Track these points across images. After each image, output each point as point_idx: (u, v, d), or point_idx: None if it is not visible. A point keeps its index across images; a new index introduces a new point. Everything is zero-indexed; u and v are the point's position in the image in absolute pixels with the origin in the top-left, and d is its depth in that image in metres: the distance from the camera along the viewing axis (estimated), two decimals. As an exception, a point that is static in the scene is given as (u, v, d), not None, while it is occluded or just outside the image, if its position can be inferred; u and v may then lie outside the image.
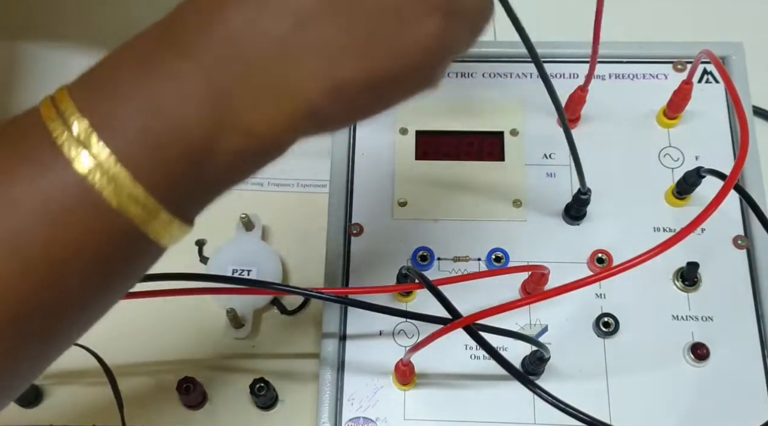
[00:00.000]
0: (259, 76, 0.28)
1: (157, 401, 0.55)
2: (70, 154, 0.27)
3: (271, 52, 0.28)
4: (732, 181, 0.39)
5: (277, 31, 0.28)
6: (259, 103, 0.28)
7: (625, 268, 0.38)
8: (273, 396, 0.54)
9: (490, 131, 0.56)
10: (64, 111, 0.28)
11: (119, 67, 0.29)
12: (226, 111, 0.28)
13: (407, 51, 0.30)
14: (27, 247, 0.27)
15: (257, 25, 0.28)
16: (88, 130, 0.27)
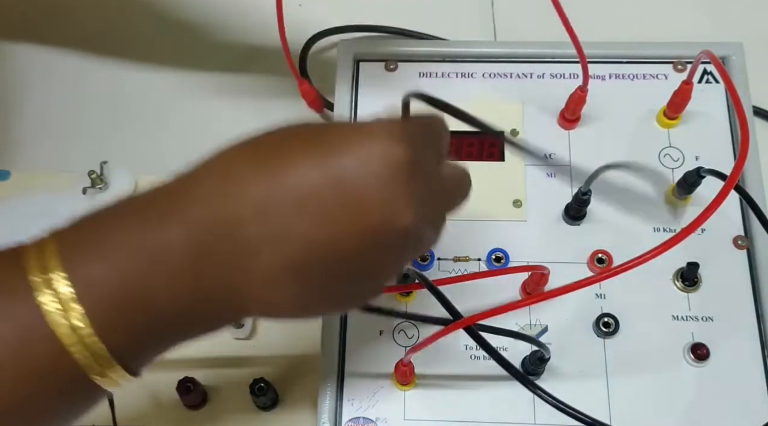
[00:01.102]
0: (219, 274, 0.31)
1: (157, 401, 0.55)
2: (41, 300, 0.29)
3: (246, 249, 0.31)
4: (732, 182, 0.39)
5: (265, 258, 0.31)
6: (221, 283, 0.32)
7: (625, 268, 0.38)
8: (273, 396, 0.54)
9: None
10: (48, 259, 0.30)
11: (110, 226, 0.32)
12: (189, 287, 0.31)
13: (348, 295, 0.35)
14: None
15: (247, 243, 0.31)
16: (65, 283, 0.30)
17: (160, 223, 0.31)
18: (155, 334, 0.32)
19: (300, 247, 0.31)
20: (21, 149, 0.65)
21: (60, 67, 0.69)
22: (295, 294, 0.32)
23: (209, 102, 0.67)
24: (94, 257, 0.31)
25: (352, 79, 0.58)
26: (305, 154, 0.31)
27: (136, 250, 0.31)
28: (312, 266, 0.32)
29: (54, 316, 0.30)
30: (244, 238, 0.31)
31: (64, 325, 0.30)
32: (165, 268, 0.31)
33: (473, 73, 0.59)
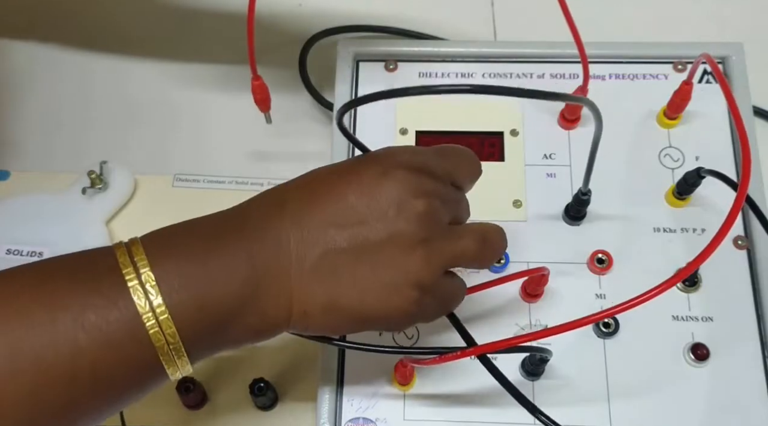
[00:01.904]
0: (285, 286, 0.38)
1: (157, 401, 0.55)
2: (134, 297, 0.35)
3: (297, 273, 0.38)
4: (741, 197, 0.39)
5: (309, 257, 0.38)
6: (277, 302, 0.38)
7: (637, 302, 0.38)
8: (273, 396, 0.54)
9: (490, 131, 0.56)
10: (137, 261, 0.36)
11: (191, 238, 0.38)
12: (254, 299, 0.37)
13: (390, 308, 0.39)
14: (80, 359, 0.34)
15: (297, 254, 0.38)
16: (154, 282, 0.35)
17: (232, 243, 0.38)
18: (217, 334, 0.37)
19: (331, 254, 0.39)
20: (21, 149, 0.65)
21: (60, 67, 0.69)
22: (346, 284, 0.39)
23: (209, 102, 0.67)
24: (180, 261, 0.36)
25: (352, 79, 0.58)
26: (336, 197, 0.39)
27: (215, 265, 0.37)
28: (352, 252, 0.38)
29: (142, 308, 0.35)
30: (290, 251, 0.38)
31: (150, 315, 0.35)
32: (235, 280, 0.37)
33: (473, 73, 0.59)
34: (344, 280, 0.38)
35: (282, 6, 0.67)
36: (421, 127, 0.57)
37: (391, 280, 0.38)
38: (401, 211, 0.39)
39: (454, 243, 0.40)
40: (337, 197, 0.39)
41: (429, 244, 0.39)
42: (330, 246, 0.38)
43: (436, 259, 0.39)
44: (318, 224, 0.38)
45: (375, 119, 0.57)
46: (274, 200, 0.40)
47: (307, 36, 0.65)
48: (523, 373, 0.49)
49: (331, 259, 0.38)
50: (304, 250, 0.38)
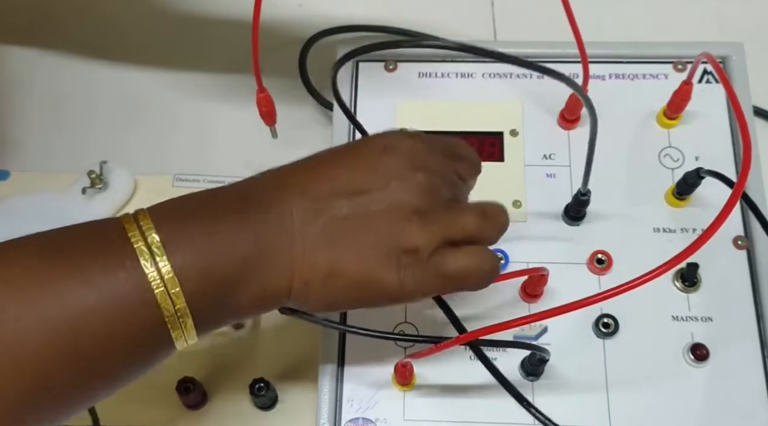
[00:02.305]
0: (287, 255, 0.39)
1: (157, 401, 0.55)
2: (140, 258, 0.35)
3: (300, 242, 0.39)
4: (739, 191, 0.39)
5: (312, 226, 0.39)
6: (279, 270, 0.38)
7: (633, 285, 0.38)
8: (273, 396, 0.54)
9: (490, 131, 0.56)
10: (143, 225, 0.36)
11: (196, 207, 0.39)
12: (257, 267, 0.38)
13: (388, 275, 0.39)
14: (91, 319, 0.34)
15: (301, 222, 0.39)
16: (159, 244, 0.36)
17: (259, 209, 0.39)
18: (222, 301, 0.38)
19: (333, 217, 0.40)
20: (21, 149, 0.65)
21: (60, 67, 0.69)
22: (347, 246, 0.39)
23: (209, 102, 0.67)
24: (185, 228, 0.37)
25: (352, 79, 0.58)
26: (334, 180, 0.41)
27: (220, 238, 0.37)
28: (353, 217, 0.40)
29: (147, 269, 0.35)
30: (290, 228, 0.39)
31: (155, 274, 0.35)
32: (243, 249, 0.38)
33: (473, 73, 0.59)
34: (344, 247, 0.39)
35: (282, 7, 0.68)
36: (421, 126, 0.56)
37: (389, 247, 0.39)
38: (402, 182, 0.40)
39: (453, 216, 0.41)
40: (341, 170, 0.40)
41: (427, 215, 0.40)
42: (332, 214, 0.39)
43: (434, 229, 0.40)
44: (321, 194, 0.39)
45: (375, 119, 0.57)
46: (279, 174, 0.41)
47: (307, 36, 0.65)
48: (523, 374, 0.49)
49: (333, 227, 0.39)
50: (306, 219, 0.39)
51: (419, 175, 0.40)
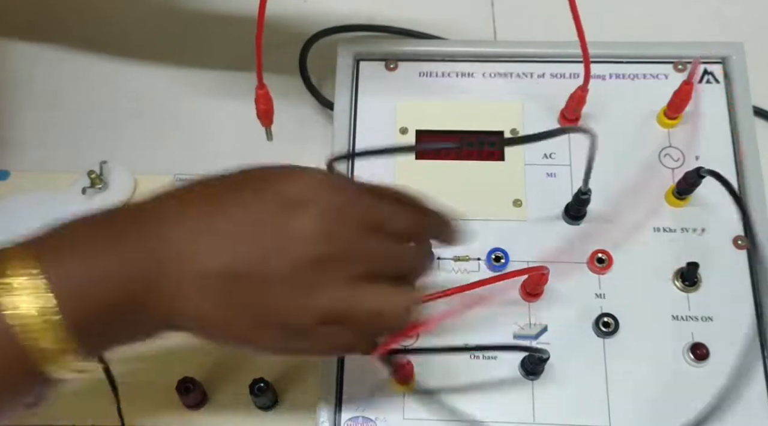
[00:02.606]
0: (168, 286, 0.36)
1: (157, 401, 0.55)
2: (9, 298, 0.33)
3: (184, 276, 0.36)
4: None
5: (195, 269, 0.36)
6: (159, 301, 0.37)
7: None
8: (273, 396, 0.54)
9: (490, 131, 0.56)
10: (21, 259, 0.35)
11: (79, 232, 0.37)
12: (140, 292, 0.36)
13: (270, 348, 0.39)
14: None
15: (184, 255, 0.36)
16: (37, 279, 0.34)
17: (125, 241, 0.36)
18: (100, 330, 0.36)
19: (232, 258, 0.36)
20: (21, 149, 0.65)
21: (60, 67, 0.69)
22: (221, 304, 0.37)
23: (209, 102, 0.67)
24: (66, 260, 0.35)
25: (352, 78, 0.58)
26: (241, 202, 0.38)
27: (100, 265, 0.36)
28: (240, 278, 0.36)
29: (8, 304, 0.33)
30: (177, 255, 0.36)
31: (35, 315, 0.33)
32: (113, 284, 0.35)
33: (473, 73, 0.59)
34: (229, 307, 0.37)
35: (283, 5, 0.67)
36: (421, 126, 0.57)
37: (276, 322, 0.38)
38: (303, 251, 0.37)
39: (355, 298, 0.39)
40: (242, 211, 0.37)
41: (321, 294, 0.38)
42: (219, 265, 0.36)
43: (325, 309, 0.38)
44: (214, 239, 0.37)
45: (375, 119, 0.57)
46: (175, 200, 0.38)
47: (308, 35, 0.65)
48: (523, 373, 0.49)
49: (218, 279, 0.37)
50: (192, 259, 0.36)
51: (324, 247, 0.37)
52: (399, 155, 0.53)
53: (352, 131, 0.57)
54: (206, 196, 0.38)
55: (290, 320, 0.38)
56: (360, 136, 0.57)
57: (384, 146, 0.45)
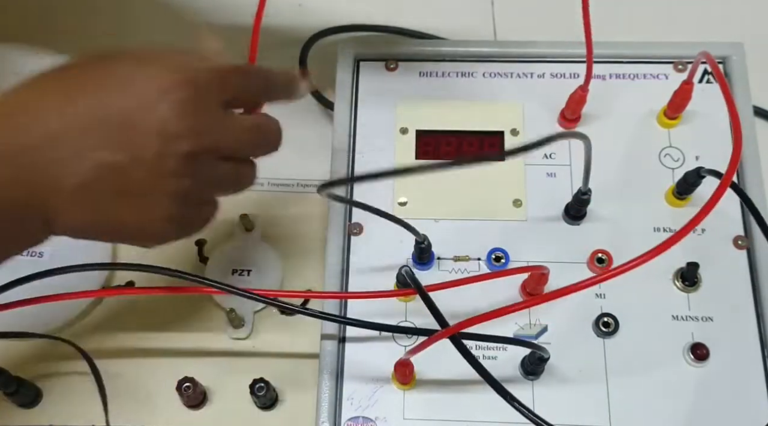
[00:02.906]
0: (40, 205, 0.36)
1: (157, 401, 0.55)
2: None
3: (54, 195, 0.36)
4: (727, 180, 0.39)
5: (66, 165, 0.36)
6: (25, 201, 0.36)
7: (624, 269, 0.38)
8: (273, 396, 0.54)
9: (490, 131, 0.56)
10: None
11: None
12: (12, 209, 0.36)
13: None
14: None
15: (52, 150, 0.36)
16: None
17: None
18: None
19: (89, 168, 0.36)
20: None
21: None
22: (92, 210, 0.37)
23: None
24: None
25: (353, 78, 0.58)
26: (96, 86, 0.37)
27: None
28: (102, 185, 0.37)
29: None
30: (38, 162, 0.36)
31: None
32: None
33: (473, 73, 0.59)
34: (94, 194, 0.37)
35: (282, 6, 0.67)
36: (421, 126, 0.57)
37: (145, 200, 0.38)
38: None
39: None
40: (96, 107, 0.37)
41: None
42: (83, 173, 0.36)
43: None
44: (78, 125, 0.36)
45: (375, 119, 0.57)
46: (33, 85, 0.38)
47: (307, 36, 0.65)
48: (523, 373, 0.49)
49: (87, 189, 0.37)
50: (58, 175, 0.36)
51: (185, 142, 0.38)
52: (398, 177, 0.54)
53: (352, 131, 0.57)
54: (58, 93, 0.37)
55: (170, 205, 0.39)
56: (360, 135, 0.57)
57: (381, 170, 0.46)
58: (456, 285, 0.48)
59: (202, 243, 0.60)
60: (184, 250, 0.60)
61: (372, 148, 0.56)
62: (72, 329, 0.57)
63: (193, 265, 0.59)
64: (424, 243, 0.50)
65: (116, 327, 0.58)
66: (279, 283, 0.58)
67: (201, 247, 0.60)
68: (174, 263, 0.47)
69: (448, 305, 0.44)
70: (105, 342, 0.57)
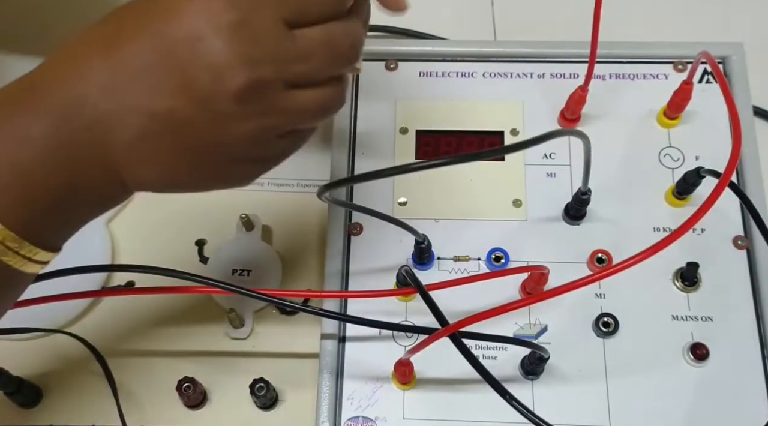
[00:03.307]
0: (103, 162, 0.34)
1: (157, 401, 0.55)
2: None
3: (116, 147, 0.34)
4: (726, 180, 0.39)
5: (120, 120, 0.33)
6: (91, 160, 0.34)
7: (623, 267, 0.38)
8: (273, 396, 0.54)
9: (490, 131, 0.56)
10: None
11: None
12: (63, 164, 0.33)
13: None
14: None
15: (104, 108, 0.33)
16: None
17: (22, 114, 0.33)
18: (50, 209, 0.34)
19: (145, 118, 0.33)
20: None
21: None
22: (158, 163, 0.35)
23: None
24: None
25: (352, 78, 0.58)
26: (137, 29, 0.33)
27: (5, 140, 0.33)
28: (162, 134, 0.34)
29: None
30: (94, 117, 0.33)
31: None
32: (33, 154, 0.33)
33: (473, 73, 0.59)
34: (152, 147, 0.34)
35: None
36: (421, 126, 0.57)
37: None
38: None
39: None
40: (149, 52, 0.33)
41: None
42: (145, 121, 0.34)
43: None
44: (125, 73, 0.33)
45: (375, 119, 0.57)
46: (75, 51, 0.35)
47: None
48: (523, 373, 0.49)
49: (154, 137, 0.34)
50: (117, 126, 0.34)
51: (246, 72, 0.33)
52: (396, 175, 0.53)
53: (352, 131, 0.57)
54: (101, 43, 0.34)
55: (242, 148, 0.35)
56: (360, 135, 0.57)
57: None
58: (456, 284, 0.48)
59: (202, 243, 0.60)
60: (184, 250, 0.60)
61: (372, 148, 0.56)
62: (72, 329, 0.57)
63: (193, 265, 0.59)
64: (424, 243, 0.50)
65: (116, 327, 0.58)
66: (279, 283, 0.58)
67: (201, 247, 0.60)
68: (174, 263, 0.47)
69: (448, 305, 0.44)
70: (105, 342, 0.57)
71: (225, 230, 0.60)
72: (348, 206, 0.53)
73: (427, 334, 0.43)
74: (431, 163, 0.36)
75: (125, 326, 0.58)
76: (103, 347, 0.56)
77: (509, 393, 0.41)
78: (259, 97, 0.34)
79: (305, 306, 0.52)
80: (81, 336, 0.56)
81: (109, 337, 0.57)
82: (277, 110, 0.35)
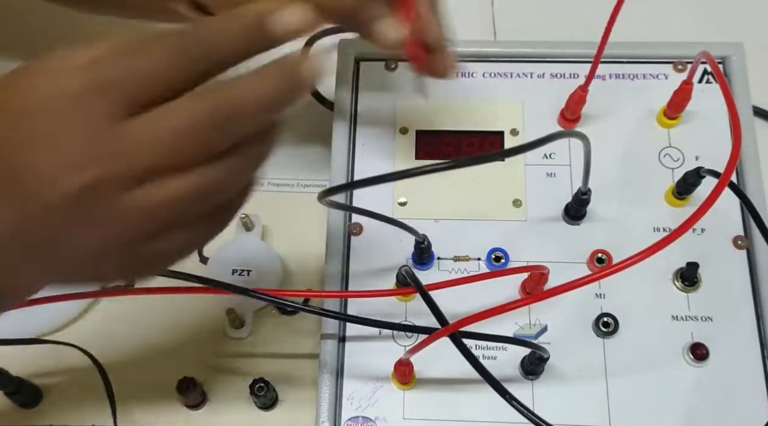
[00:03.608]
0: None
1: (157, 401, 0.55)
2: None
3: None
4: (726, 180, 0.39)
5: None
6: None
7: (623, 267, 0.38)
8: (273, 396, 0.54)
9: (490, 131, 0.56)
10: None
11: None
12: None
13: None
14: None
15: None
16: None
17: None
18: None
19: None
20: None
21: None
22: (7, 275, 0.32)
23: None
24: None
25: (352, 78, 0.58)
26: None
27: None
28: (9, 243, 0.31)
29: None
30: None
31: None
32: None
33: (473, 73, 0.59)
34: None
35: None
36: (421, 126, 0.57)
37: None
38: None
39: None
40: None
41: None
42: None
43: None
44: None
45: (375, 119, 0.57)
46: None
47: (307, 36, 0.65)
48: (523, 373, 0.49)
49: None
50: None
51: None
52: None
53: (352, 131, 0.57)
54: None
55: (81, 265, 0.32)
56: (360, 135, 0.57)
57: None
58: (456, 284, 0.48)
59: (202, 243, 0.60)
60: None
61: (372, 148, 0.56)
62: (72, 329, 0.57)
63: (192, 265, 0.59)
64: (424, 243, 0.50)
65: (116, 327, 0.58)
66: (279, 283, 0.58)
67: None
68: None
69: (448, 305, 0.44)
70: (105, 342, 0.57)
71: (225, 230, 0.60)
72: (348, 209, 0.53)
73: (427, 334, 0.43)
74: (431, 168, 0.36)
75: (125, 326, 0.58)
76: (103, 347, 0.56)
77: (509, 393, 0.41)
78: (91, 204, 0.30)
79: (305, 306, 0.51)
80: (81, 335, 0.56)
81: (109, 337, 0.57)
82: (130, 210, 0.30)
